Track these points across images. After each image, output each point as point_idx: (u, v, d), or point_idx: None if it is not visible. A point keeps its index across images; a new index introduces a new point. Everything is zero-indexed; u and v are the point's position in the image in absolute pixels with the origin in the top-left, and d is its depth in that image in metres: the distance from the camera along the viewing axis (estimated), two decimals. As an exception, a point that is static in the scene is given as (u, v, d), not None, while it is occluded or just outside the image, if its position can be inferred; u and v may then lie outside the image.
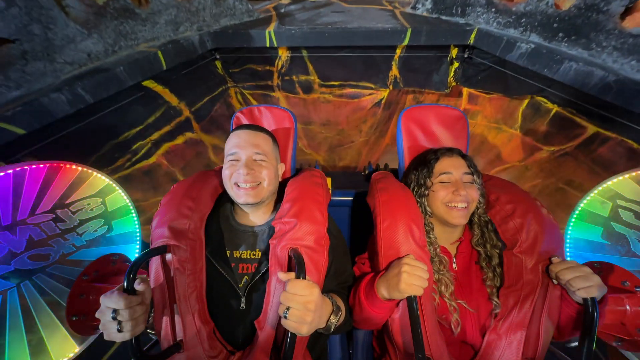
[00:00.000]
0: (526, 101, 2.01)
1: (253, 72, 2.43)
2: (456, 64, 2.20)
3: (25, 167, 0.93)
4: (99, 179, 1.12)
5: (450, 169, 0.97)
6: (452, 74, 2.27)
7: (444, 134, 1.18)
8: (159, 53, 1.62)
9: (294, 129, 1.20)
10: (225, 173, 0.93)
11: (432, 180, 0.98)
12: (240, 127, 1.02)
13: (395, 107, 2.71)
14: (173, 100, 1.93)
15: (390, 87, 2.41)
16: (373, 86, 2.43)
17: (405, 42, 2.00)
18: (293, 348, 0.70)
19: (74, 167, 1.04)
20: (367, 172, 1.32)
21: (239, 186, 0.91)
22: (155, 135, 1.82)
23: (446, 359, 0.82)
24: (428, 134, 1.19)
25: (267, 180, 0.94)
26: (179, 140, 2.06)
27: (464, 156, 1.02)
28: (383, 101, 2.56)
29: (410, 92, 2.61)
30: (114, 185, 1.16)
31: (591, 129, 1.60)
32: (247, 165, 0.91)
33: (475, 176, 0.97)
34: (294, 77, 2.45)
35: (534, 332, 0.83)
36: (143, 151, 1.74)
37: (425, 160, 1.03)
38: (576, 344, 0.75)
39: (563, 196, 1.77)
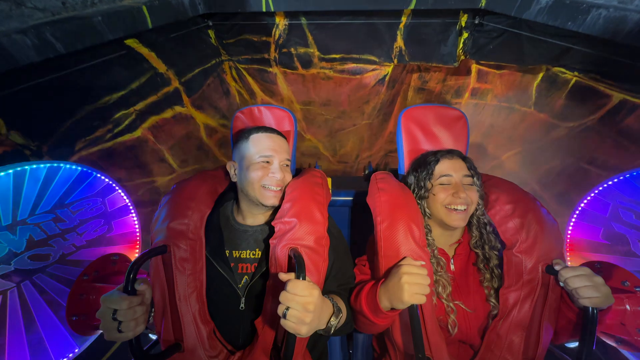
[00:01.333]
0: (541, 74, 1.87)
1: (249, 43, 2.23)
2: (465, 34, 2.01)
3: (26, 167, 0.94)
4: (99, 179, 1.12)
5: (450, 171, 0.98)
6: (461, 45, 2.06)
7: (444, 135, 1.19)
8: (144, 8, 1.44)
9: (294, 130, 1.20)
10: (255, 175, 0.96)
11: (432, 182, 0.99)
12: (270, 130, 1.05)
13: (399, 88, 2.54)
14: (160, 66, 1.75)
15: (395, 60, 2.21)
16: (377, 59, 2.24)
17: (412, 6, 1.83)
18: (293, 348, 0.71)
19: (74, 167, 1.05)
20: (367, 172, 1.32)
21: (265, 188, 0.95)
22: (140, 105, 1.65)
23: (446, 358, 0.82)
24: (428, 134, 1.20)
25: (286, 184, 1.00)
26: (167, 113, 1.89)
27: (463, 158, 1.03)
28: (387, 78, 2.37)
29: (415, 70, 2.46)
30: (114, 185, 1.16)
31: (617, 96, 1.44)
32: (281, 170, 0.97)
33: (475, 178, 0.98)
34: (292, 50, 2.24)
35: (534, 332, 0.84)
36: (127, 122, 1.58)
37: (425, 162, 1.04)
38: (576, 344, 0.75)
39: (584, 176, 1.64)
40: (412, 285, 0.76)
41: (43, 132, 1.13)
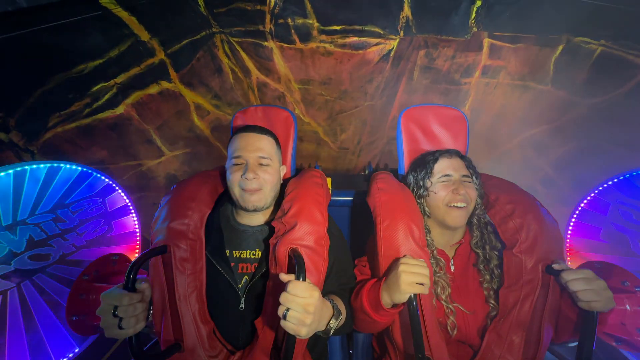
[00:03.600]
0: (561, 47, 1.75)
1: (241, 12, 2.05)
2: (479, 2, 1.88)
3: (26, 167, 0.93)
4: (99, 179, 1.12)
5: (449, 170, 0.98)
6: (474, 14, 1.93)
7: (444, 134, 1.19)
8: None
9: (294, 129, 1.20)
10: (231, 177, 0.95)
11: (431, 180, 0.98)
12: (245, 128, 1.03)
13: (405, 66, 2.39)
14: (143, 34, 1.58)
15: (401, 32, 2.06)
16: (381, 32, 2.10)
17: None
18: (292, 349, 0.71)
19: (74, 167, 1.04)
20: (367, 172, 1.32)
21: (244, 190, 0.93)
22: (121, 77, 1.51)
23: (446, 358, 0.82)
24: (428, 134, 1.21)
25: (270, 184, 0.97)
26: (153, 89, 1.74)
27: (462, 157, 1.03)
28: (392, 53, 2.23)
29: (422, 45, 2.31)
30: (114, 185, 1.16)
31: (647, 65, 1.37)
32: (252, 170, 0.93)
33: (473, 177, 0.98)
34: (289, 21, 2.09)
35: (534, 332, 0.84)
36: (107, 97, 1.46)
37: (424, 162, 1.04)
38: (576, 344, 0.75)
39: (607, 158, 1.52)
40: (409, 274, 0.77)
41: (7, 101, 1.03)
